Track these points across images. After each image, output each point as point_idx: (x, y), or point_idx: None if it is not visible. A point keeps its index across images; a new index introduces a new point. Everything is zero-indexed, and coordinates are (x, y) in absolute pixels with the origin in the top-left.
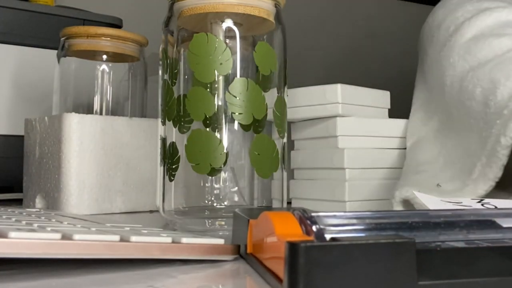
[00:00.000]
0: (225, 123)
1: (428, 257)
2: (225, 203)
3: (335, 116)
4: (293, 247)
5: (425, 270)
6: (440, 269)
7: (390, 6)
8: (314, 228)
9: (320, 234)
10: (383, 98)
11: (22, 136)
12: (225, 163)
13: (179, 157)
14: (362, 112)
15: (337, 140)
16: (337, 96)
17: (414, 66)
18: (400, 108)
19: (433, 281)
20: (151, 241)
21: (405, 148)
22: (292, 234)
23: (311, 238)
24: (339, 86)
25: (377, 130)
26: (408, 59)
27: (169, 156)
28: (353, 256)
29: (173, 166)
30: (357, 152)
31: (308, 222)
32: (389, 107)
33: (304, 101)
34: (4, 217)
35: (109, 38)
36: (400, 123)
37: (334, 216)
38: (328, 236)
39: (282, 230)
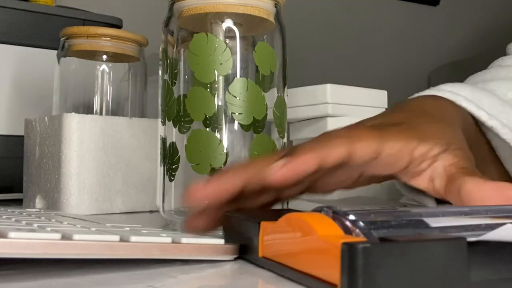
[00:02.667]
0: (225, 123)
1: (478, 254)
2: None
3: (326, 116)
4: (351, 248)
5: (476, 267)
6: (491, 265)
7: (390, 6)
8: (359, 226)
9: (369, 233)
10: (380, 97)
11: (22, 136)
12: (225, 163)
13: (179, 157)
14: (358, 112)
15: None
16: (327, 96)
17: (415, 65)
18: None
19: (485, 278)
20: (150, 241)
21: None
22: (334, 235)
23: (362, 238)
24: (328, 86)
25: None
26: (409, 59)
27: (169, 156)
28: (410, 255)
29: (173, 166)
30: None
31: (347, 221)
32: (386, 106)
33: (296, 101)
34: (4, 217)
35: (109, 38)
36: None
37: (367, 213)
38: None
39: (323, 231)
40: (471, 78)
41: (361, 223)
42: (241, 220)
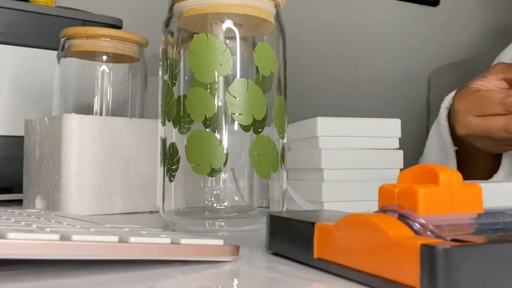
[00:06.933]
0: (225, 123)
1: None
2: (225, 203)
3: (316, 117)
4: (431, 249)
5: None
6: None
7: (390, 7)
8: (429, 228)
9: (441, 235)
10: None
11: (22, 137)
12: (225, 164)
13: (179, 157)
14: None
15: (318, 140)
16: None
17: (415, 66)
18: (396, 109)
19: None
20: (150, 242)
21: (391, 148)
22: (405, 236)
23: (438, 240)
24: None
25: (359, 130)
26: (409, 60)
27: (169, 157)
28: (490, 257)
29: (173, 167)
30: (337, 152)
31: (416, 223)
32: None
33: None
34: (3, 218)
35: (109, 39)
36: (382, 122)
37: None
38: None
39: (393, 233)
40: None
41: (432, 225)
42: (291, 221)
